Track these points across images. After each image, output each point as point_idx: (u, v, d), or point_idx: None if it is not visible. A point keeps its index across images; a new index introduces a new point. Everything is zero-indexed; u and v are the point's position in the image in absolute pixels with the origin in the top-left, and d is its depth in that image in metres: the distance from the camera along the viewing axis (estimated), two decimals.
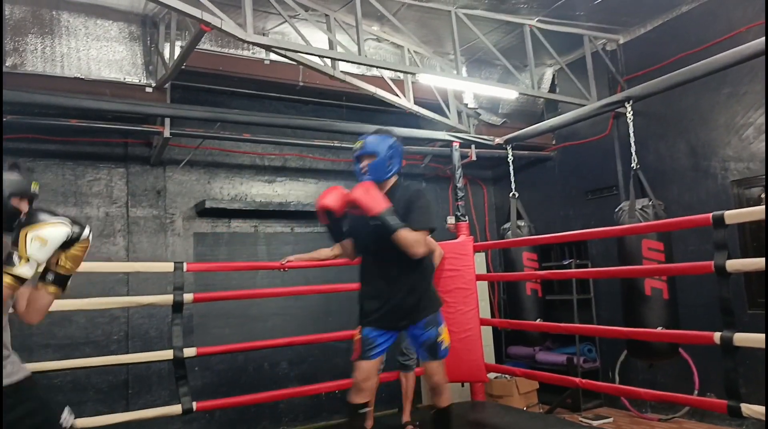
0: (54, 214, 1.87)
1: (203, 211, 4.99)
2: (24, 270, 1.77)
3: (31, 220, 1.82)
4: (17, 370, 1.99)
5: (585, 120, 5.06)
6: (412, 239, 2.58)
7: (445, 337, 2.83)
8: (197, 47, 3.96)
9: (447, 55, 5.52)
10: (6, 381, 1.91)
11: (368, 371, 2.79)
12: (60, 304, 3.74)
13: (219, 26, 3.38)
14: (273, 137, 5.14)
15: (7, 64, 4.03)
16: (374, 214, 2.54)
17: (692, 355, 4.53)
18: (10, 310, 2.07)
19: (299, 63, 4.25)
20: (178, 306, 3.66)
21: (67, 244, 1.85)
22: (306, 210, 5.36)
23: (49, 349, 4.30)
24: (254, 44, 3.78)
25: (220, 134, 4.92)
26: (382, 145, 2.79)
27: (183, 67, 4.19)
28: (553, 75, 6.08)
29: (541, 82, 6.00)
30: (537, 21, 4.97)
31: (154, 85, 4.50)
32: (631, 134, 4.15)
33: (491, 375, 5.23)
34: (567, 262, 5.60)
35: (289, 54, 4.03)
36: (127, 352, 4.53)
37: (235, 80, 4.90)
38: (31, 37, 4.14)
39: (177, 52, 4.25)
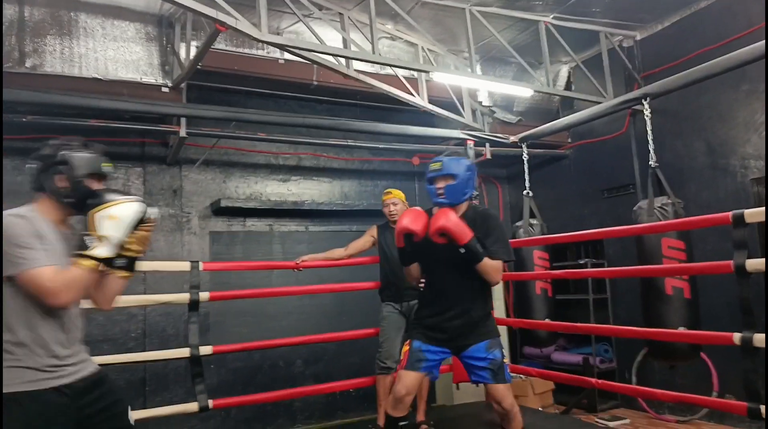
0: (121, 193, 1.85)
1: (219, 210, 5.03)
2: (101, 250, 1.74)
3: (97, 201, 1.79)
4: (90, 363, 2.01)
5: (601, 118, 5.02)
6: (494, 268, 2.63)
7: (508, 360, 2.79)
8: (212, 47, 3.98)
9: (461, 53, 5.50)
10: (87, 372, 1.93)
11: (411, 383, 2.72)
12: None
13: (234, 26, 3.40)
14: (287, 136, 5.16)
15: (26, 65, 4.09)
16: (461, 244, 2.54)
17: (711, 356, 4.46)
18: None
19: (313, 62, 4.26)
20: (194, 304, 3.69)
21: (134, 224, 1.82)
22: (320, 209, 5.38)
23: None
24: (269, 44, 3.80)
25: (236, 134, 4.94)
26: (461, 167, 2.72)
27: (198, 66, 4.22)
28: (569, 72, 6.03)
29: (556, 79, 5.96)
30: (552, 18, 4.93)
31: (170, 85, 4.54)
32: (649, 132, 4.10)
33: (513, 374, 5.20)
34: (583, 262, 5.55)
35: (303, 53, 4.04)
36: (145, 350, 4.57)
37: (250, 80, 4.92)
38: (50, 38, 4.19)
39: (193, 52, 4.28)
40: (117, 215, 1.77)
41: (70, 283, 1.73)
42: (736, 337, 2.93)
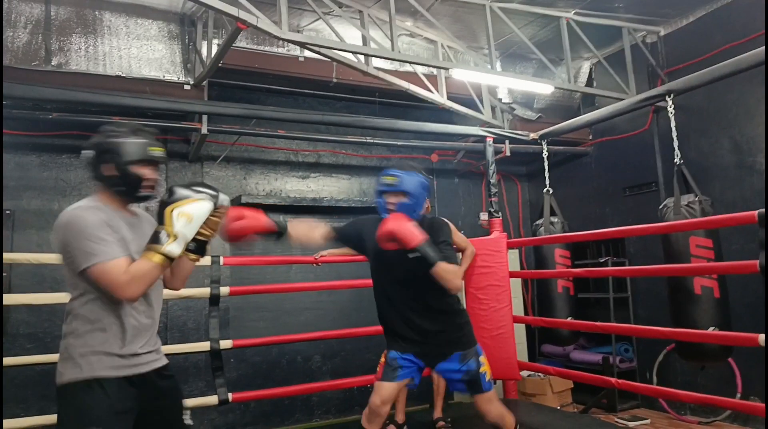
0: (194, 188, 1.84)
1: (239, 206, 5.07)
2: (172, 248, 1.76)
3: (174, 196, 1.80)
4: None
5: (623, 114, 4.95)
6: (451, 272, 2.42)
7: (487, 368, 2.63)
8: (233, 45, 4.02)
9: (481, 50, 5.46)
10: (159, 364, 1.97)
11: (388, 394, 2.62)
12: None
13: (255, 24, 3.43)
14: (307, 134, 5.19)
15: (52, 63, 4.17)
16: (412, 247, 2.34)
17: (736, 358, 4.38)
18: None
19: (333, 59, 4.27)
20: (214, 299, 3.74)
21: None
22: (339, 205, 5.40)
23: None
24: (289, 41, 3.81)
25: (256, 131, 4.99)
26: (416, 184, 2.55)
27: (220, 64, 4.27)
28: (591, 68, 5.95)
29: (577, 75, 5.89)
30: (574, 13, 4.87)
31: (192, 82, 4.59)
32: (673, 129, 4.03)
33: (524, 373, 5.18)
34: (603, 260, 5.49)
35: (323, 50, 4.05)
36: (166, 344, 4.58)
37: (270, 77, 4.95)
38: (75, 37, 4.27)
39: (214, 50, 4.33)
40: (191, 213, 1.79)
41: (139, 277, 1.74)
42: (761, 338, 2.87)
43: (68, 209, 1.84)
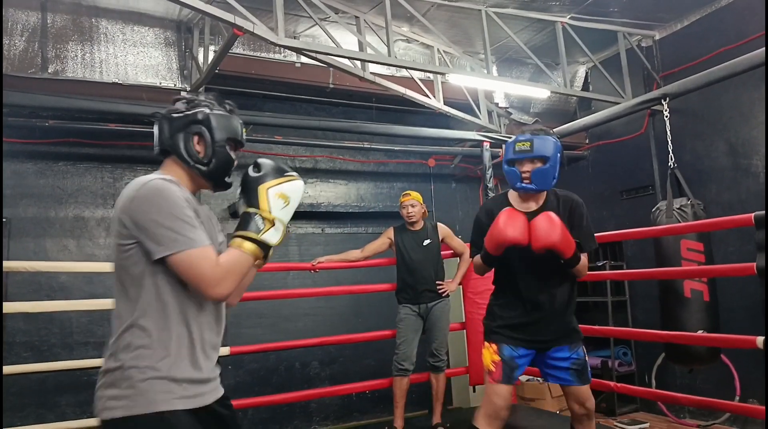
0: (279, 165, 1.50)
1: (236, 213, 5.04)
2: (270, 235, 1.43)
3: (265, 171, 1.47)
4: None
5: (619, 118, 4.97)
6: (584, 264, 2.38)
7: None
8: (230, 51, 4.03)
9: (477, 55, 5.48)
10: (220, 393, 1.55)
11: (509, 396, 2.47)
12: (99, 304, 3.87)
13: (251, 30, 3.44)
14: (304, 139, 5.19)
15: (49, 71, 4.17)
16: (566, 258, 2.27)
17: (733, 360, 4.38)
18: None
19: (329, 65, 4.28)
20: None
21: None
22: (336, 211, 5.39)
23: (88, 346, 4.43)
24: (286, 47, 3.82)
25: (253, 137, 4.98)
26: (552, 147, 2.36)
27: (216, 71, 4.27)
28: (587, 73, 5.98)
29: (573, 80, 5.91)
30: (569, 18, 4.89)
31: (188, 89, 4.59)
32: (668, 132, 4.05)
33: (523, 378, 5.16)
34: (601, 264, 5.49)
35: (319, 56, 4.06)
36: None
37: (267, 83, 4.96)
38: (71, 44, 4.27)
39: (210, 56, 4.33)
40: (290, 194, 1.46)
41: (232, 271, 1.38)
42: (759, 340, 2.87)
43: (143, 179, 1.43)
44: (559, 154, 2.38)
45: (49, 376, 4.12)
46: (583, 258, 2.40)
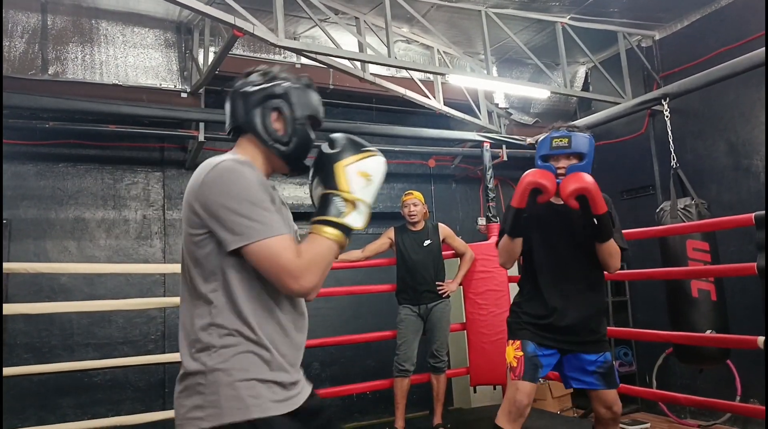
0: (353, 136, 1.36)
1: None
2: (353, 219, 1.29)
3: (342, 147, 1.34)
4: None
5: (620, 118, 4.97)
6: (616, 251, 2.27)
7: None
8: (230, 53, 4.03)
9: (477, 55, 5.48)
10: (309, 390, 1.44)
11: (532, 393, 2.38)
12: (99, 305, 3.87)
13: (251, 31, 3.44)
14: None
15: (49, 72, 4.17)
16: (598, 213, 2.17)
17: (735, 360, 4.37)
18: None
19: (329, 66, 4.28)
20: None
21: None
22: None
23: (89, 348, 4.43)
24: (286, 48, 3.82)
25: None
26: (588, 144, 2.35)
27: (216, 72, 4.27)
28: (587, 73, 5.98)
29: (573, 80, 5.91)
30: (569, 18, 4.89)
31: (188, 90, 4.60)
32: (669, 132, 4.05)
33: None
34: None
35: (319, 57, 4.06)
36: (164, 352, 4.63)
37: None
38: (71, 46, 4.28)
39: (210, 57, 4.34)
40: (371, 172, 1.32)
41: (316, 262, 1.25)
42: (760, 340, 2.87)
43: (214, 161, 1.29)
44: (593, 152, 2.37)
45: (50, 377, 4.12)
46: (615, 246, 2.28)
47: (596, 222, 2.20)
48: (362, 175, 1.31)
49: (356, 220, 1.29)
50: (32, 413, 4.10)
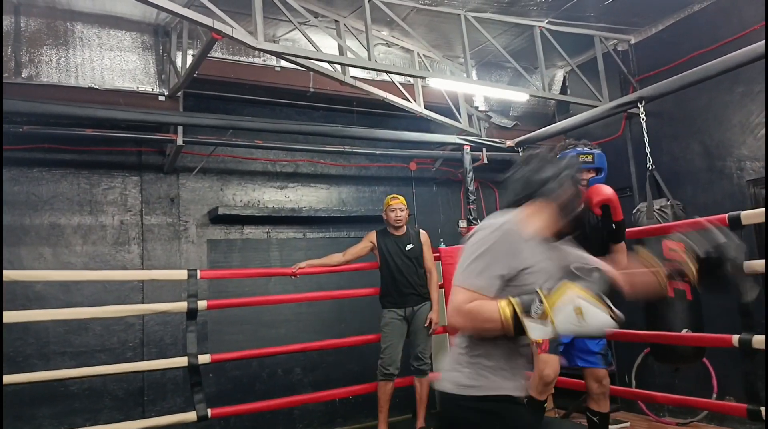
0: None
1: (216, 218, 5.02)
2: (533, 327, 1.38)
3: (586, 278, 1.47)
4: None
5: (597, 121, 5.03)
6: (625, 248, 2.74)
7: None
8: (209, 55, 4.00)
9: (457, 59, 5.52)
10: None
11: (558, 366, 2.81)
12: (76, 313, 3.80)
13: (230, 34, 3.41)
14: (284, 143, 5.17)
15: (23, 76, 4.09)
16: (618, 219, 2.64)
17: (711, 359, 4.45)
18: None
19: (310, 69, 4.27)
20: (192, 313, 3.68)
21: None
22: (318, 216, 5.37)
23: (65, 356, 4.35)
24: (265, 51, 3.81)
25: (233, 141, 4.95)
26: (605, 161, 2.90)
27: (195, 75, 4.23)
28: (564, 76, 6.05)
29: (552, 83, 5.97)
30: (547, 22, 4.95)
31: (166, 93, 4.54)
32: (645, 135, 4.11)
33: None
34: None
35: (299, 60, 4.05)
36: (143, 360, 4.55)
37: (247, 87, 4.93)
38: (46, 48, 4.20)
39: (189, 60, 4.29)
40: (587, 312, 1.40)
41: (471, 315, 1.50)
42: (735, 339, 2.93)
43: (507, 218, 1.58)
44: (606, 166, 2.87)
45: (25, 387, 4.02)
46: (624, 245, 2.75)
47: (615, 226, 2.66)
48: (577, 312, 1.37)
49: (536, 331, 1.38)
50: (7, 424, 4.00)
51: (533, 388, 2.74)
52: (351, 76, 4.48)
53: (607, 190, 2.66)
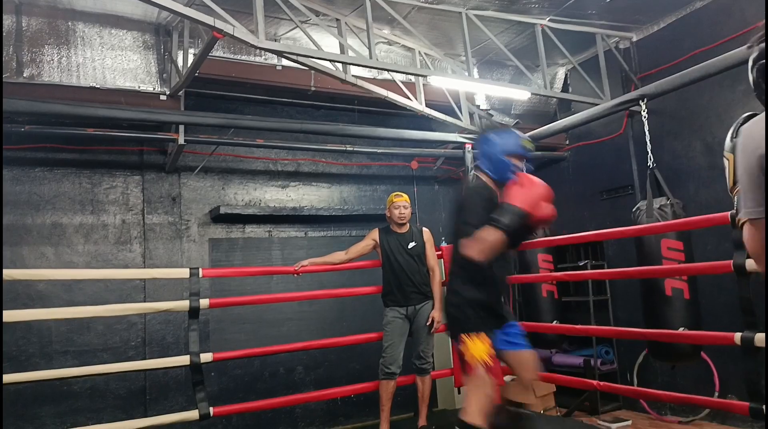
0: None
1: (218, 217, 5.03)
2: None
3: None
4: None
5: (599, 119, 5.02)
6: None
7: None
8: (210, 54, 3.99)
9: (458, 57, 5.51)
10: None
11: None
12: (78, 312, 3.80)
13: (231, 33, 3.41)
14: (286, 142, 5.17)
15: (24, 75, 4.09)
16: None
17: (712, 357, 4.46)
18: None
19: (311, 68, 4.27)
20: (194, 312, 3.68)
21: None
22: (319, 214, 5.37)
23: (68, 355, 4.36)
24: (266, 50, 3.80)
25: (234, 140, 4.95)
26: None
27: (196, 74, 4.23)
28: (566, 74, 6.04)
29: (553, 81, 5.97)
30: (548, 20, 4.94)
31: (168, 92, 4.54)
32: (647, 133, 4.11)
33: (507, 378, 5.19)
34: (582, 264, 5.54)
35: (300, 59, 4.05)
36: (145, 358, 4.56)
37: (248, 86, 4.93)
38: (47, 48, 4.20)
39: (190, 59, 4.29)
40: None
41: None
42: (737, 337, 2.93)
43: None
44: None
45: (28, 386, 4.03)
46: None
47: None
48: None
49: None
50: (10, 423, 4.01)
51: (476, 416, 2.51)
52: (352, 75, 4.48)
53: (552, 208, 2.71)
